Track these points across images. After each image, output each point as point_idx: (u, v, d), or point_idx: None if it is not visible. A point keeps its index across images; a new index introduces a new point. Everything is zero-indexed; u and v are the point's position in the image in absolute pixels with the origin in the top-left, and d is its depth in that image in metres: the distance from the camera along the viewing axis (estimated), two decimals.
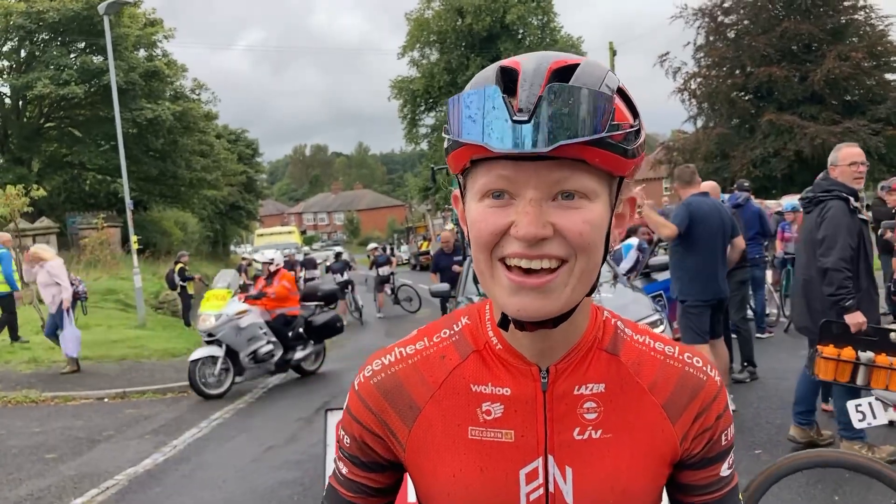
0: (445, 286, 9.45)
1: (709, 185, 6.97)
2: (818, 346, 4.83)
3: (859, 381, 4.72)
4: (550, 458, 1.02)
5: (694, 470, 1.10)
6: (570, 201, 0.90)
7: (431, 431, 1.05)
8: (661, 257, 8.76)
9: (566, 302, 0.93)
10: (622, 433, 1.03)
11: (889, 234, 7.43)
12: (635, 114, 0.94)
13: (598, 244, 0.93)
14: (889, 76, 28.78)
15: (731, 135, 29.57)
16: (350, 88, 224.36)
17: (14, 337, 13.05)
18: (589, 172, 0.89)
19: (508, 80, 0.90)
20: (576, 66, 0.90)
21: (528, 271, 0.91)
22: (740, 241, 6.85)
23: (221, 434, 8.20)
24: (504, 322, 0.97)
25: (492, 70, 0.93)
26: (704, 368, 1.08)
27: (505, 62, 0.93)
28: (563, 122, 0.85)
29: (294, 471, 6.52)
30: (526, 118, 0.85)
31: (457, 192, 1.02)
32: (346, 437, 1.11)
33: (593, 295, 1.00)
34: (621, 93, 0.93)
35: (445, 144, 0.95)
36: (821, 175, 5.40)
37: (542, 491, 1.02)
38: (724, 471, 1.12)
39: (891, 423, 5.96)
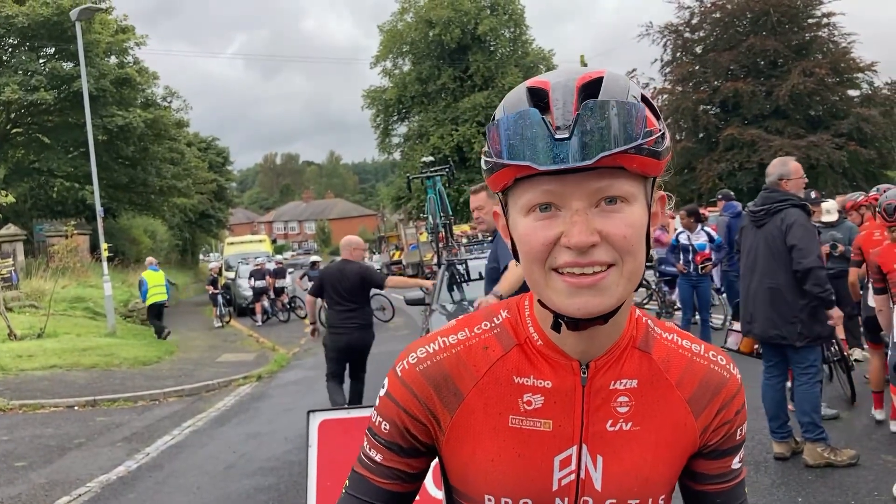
0: (420, 294, 9.49)
1: None
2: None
3: None
4: (584, 446, 1.09)
5: (708, 460, 1.17)
6: (612, 206, 0.96)
7: (473, 418, 1.10)
8: None
9: (618, 298, 0.99)
10: (649, 426, 1.11)
11: (841, 248, 7.63)
12: (658, 117, 1.01)
13: (641, 244, 0.99)
14: (852, 92, 29.47)
15: (697, 148, 30.07)
16: (329, 97, 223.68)
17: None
18: (627, 178, 0.96)
19: (538, 100, 0.97)
20: (600, 79, 0.97)
21: (580, 275, 0.97)
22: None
23: (195, 441, 8.19)
24: (557, 324, 1.03)
25: (521, 92, 0.99)
26: (728, 366, 1.16)
27: (531, 83, 1.00)
28: (601, 135, 0.91)
29: (269, 477, 6.54)
30: (567, 135, 0.92)
31: (497, 208, 1.09)
32: (384, 423, 1.15)
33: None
34: (644, 100, 1.00)
35: (485, 167, 1.01)
36: (766, 189, 5.50)
37: (573, 477, 1.10)
38: (735, 464, 1.20)
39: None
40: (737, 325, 5.85)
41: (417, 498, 1.22)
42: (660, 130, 0.98)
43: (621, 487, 1.10)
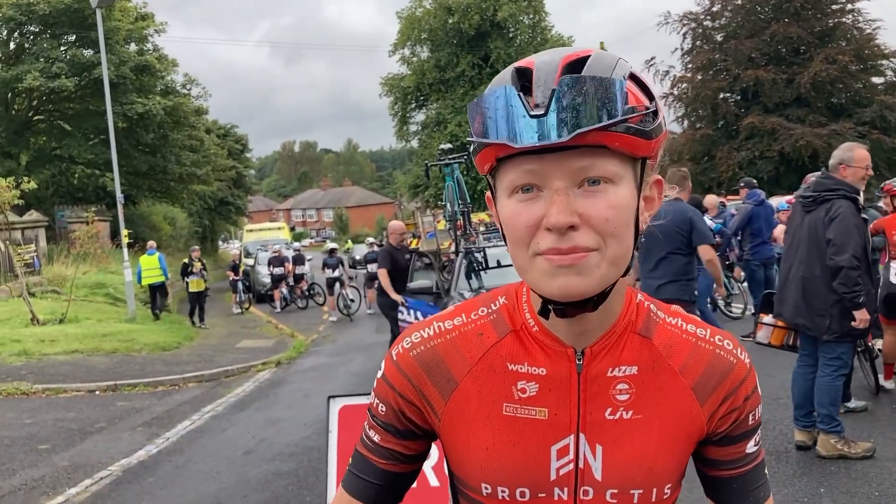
0: (426, 284, 9.46)
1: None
2: None
3: None
4: (582, 436, 1.06)
5: (719, 446, 1.13)
6: (595, 187, 0.93)
7: (467, 405, 1.08)
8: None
9: (601, 280, 0.95)
10: (652, 414, 1.07)
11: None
12: (650, 96, 0.97)
13: (626, 228, 0.96)
14: (875, 79, 29.08)
15: (717, 136, 29.82)
16: (348, 85, 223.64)
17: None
18: (611, 157, 0.93)
19: (524, 80, 0.94)
20: (586, 57, 0.94)
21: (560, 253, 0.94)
22: None
23: (214, 426, 8.25)
24: (545, 310, 1.00)
25: (507, 72, 0.97)
26: (734, 351, 1.11)
27: (519, 63, 0.97)
28: (578, 112, 0.88)
29: (288, 462, 6.58)
30: (542, 112, 0.89)
31: (489, 192, 1.06)
32: (381, 405, 1.14)
33: (628, 276, 1.03)
34: (634, 78, 0.97)
35: (472, 147, 0.99)
36: (821, 174, 5.32)
37: (571, 466, 1.06)
38: (750, 448, 1.14)
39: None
40: (766, 318, 5.75)
41: (415, 485, 1.21)
42: (647, 108, 0.94)
43: (623, 477, 1.07)
